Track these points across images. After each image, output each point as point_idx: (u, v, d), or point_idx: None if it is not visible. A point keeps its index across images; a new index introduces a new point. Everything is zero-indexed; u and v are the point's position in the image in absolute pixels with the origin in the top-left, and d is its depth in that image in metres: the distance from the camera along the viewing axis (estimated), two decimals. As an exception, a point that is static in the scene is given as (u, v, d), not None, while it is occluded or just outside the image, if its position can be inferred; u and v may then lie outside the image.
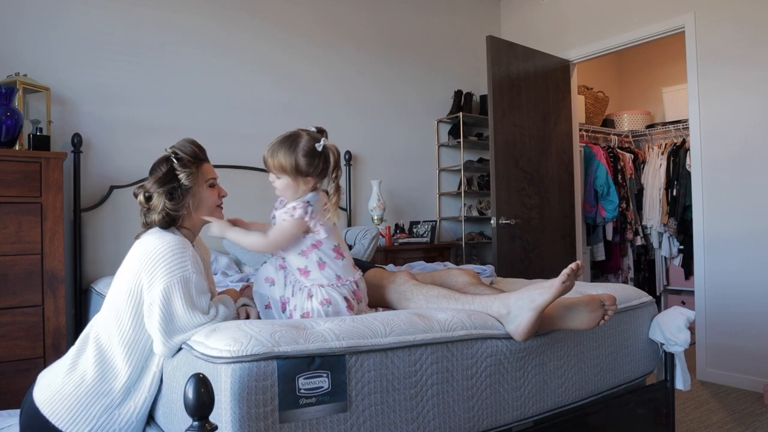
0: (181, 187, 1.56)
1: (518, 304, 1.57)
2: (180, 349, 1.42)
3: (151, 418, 1.53)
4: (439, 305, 1.69)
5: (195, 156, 1.60)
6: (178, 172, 1.56)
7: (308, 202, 1.62)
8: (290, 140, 1.64)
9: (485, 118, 4.14)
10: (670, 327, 1.97)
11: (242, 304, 1.65)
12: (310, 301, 1.59)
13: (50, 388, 1.46)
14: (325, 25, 3.89)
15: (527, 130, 3.92)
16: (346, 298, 1.62)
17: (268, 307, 1.64)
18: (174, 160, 1.57)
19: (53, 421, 1.42)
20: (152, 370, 1.48)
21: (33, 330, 2.40)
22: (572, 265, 1.51)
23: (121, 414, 1.45)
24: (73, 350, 1.52)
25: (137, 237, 1.57)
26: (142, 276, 1.44)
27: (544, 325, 1.61)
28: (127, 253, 1.55)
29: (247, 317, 1.60)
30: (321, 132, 1.67)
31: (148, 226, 1.57)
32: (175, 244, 1.47)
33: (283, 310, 1.62)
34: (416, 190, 4.30)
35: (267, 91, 3.63)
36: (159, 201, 1.54)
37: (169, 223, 1.56)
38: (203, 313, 1.44)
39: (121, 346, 1.46)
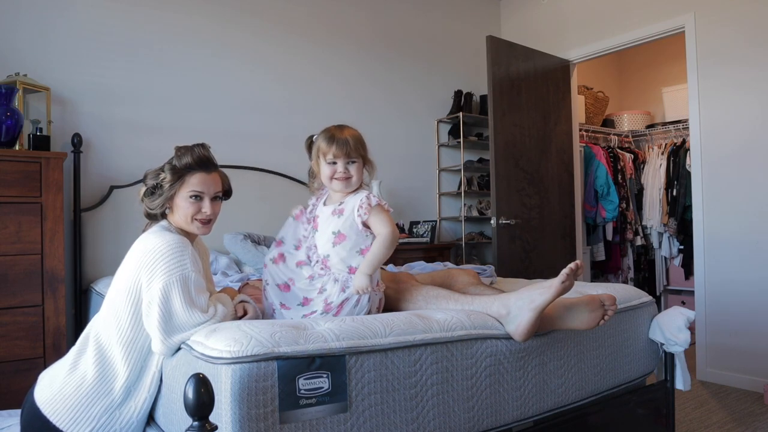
0: (161, 188, 1.58)
1: (518, 304, 1.57)
2: (179, 349, 1.42)
3: (151, 418, 1.52)
4: (438, 305, 1.69)
5: (186, 166, 1.57)
6: (162, 175, 1.57)
7: (374, 194, 1.67)
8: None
9: (485, 118, 4.14)
10: (670, 327, 1.97)
11: (240, 300, 1.65)
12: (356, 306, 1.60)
13: (51, 389, 1.46)
14: (325, 25, 3.89)
15: (527, 130, 3.92)
16: (369, 310, 1.63)
17: (283, 306, 1.64)
18: (171, 162, 1.58)
19: (54, 422, 1.42)
20: (152, 370, 1.47)
21: (33, 330, 2.40)
22: (571, 265, 1.51)
23: (122, 414, 1.45)
24: (73, 350, 1.52)
25: (144, 230, 1.61)
26: (141, 274, 1.44)
27: (544, 325, 1.61)
28: (127, 253, 1.55)
29: (245, 313, 1.60)
30: None
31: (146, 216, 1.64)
32: (174, 243, 1.48)
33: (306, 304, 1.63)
34: (416, 190, 4.30)
35: (267, 91, 3.63)
36: (141, 194, 1.62)
37: (151, 217, 1.62)
38: (202, 311, 1.43)
39: (120, 345, 1.46)
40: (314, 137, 1.77)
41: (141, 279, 1.44)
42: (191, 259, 1.48)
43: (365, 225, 1.63)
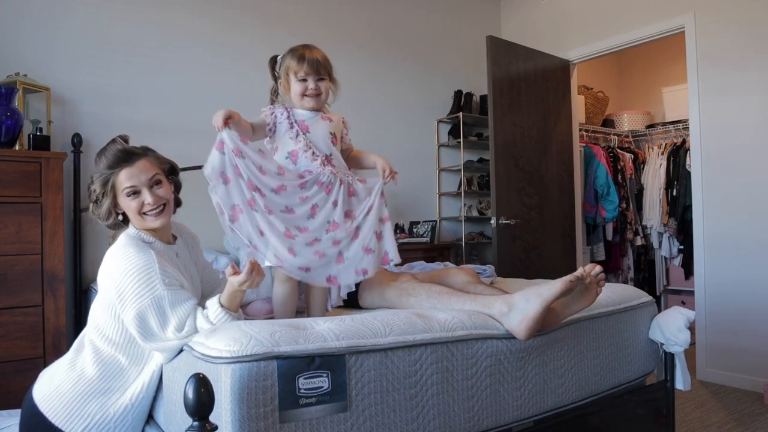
0: (98, 199, 1.54)
1: (524, 299, 1.56)
2: (181, 350, 1.42)
3: (151, 417, 1.53)
4: (440, 300, 1.69)
5: (107, 167, 1.52)
6: (93, 187, 1.54)
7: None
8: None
9: (485, 118, 4.14)
10: (670, 327, 1.97)
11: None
12: None
13: (49, 386, 1.48)
14: (325, 26, 3.89)
15: (527, 130, 3.92)
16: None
17: None
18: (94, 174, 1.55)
19: (50, 418, 1.43)
20: (147, 370, 1.49)
21: (33, 330, 2.40)
22: (576, 274, 1.53)
23: (117, 412, 1.46)
24: (72, 350, 1.54)
25: (112, 238, 1.57)
26: (114, 299, 1.44)
27: (550, 321, 1.60)
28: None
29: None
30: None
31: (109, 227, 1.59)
32: (140, 265, 1.42)
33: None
34: (416, 190, 4.30)
35: (267, 91, 3.62)
36: (92, 209, 1.56)
37: (115, 226, 1.58)
38: (178, 329, 1.41)
39: (114, 346, 1.48)
40: (279, 57, 1.87)
41: (115, 303, 1.44)
42: (160, 275, 1.42)
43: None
